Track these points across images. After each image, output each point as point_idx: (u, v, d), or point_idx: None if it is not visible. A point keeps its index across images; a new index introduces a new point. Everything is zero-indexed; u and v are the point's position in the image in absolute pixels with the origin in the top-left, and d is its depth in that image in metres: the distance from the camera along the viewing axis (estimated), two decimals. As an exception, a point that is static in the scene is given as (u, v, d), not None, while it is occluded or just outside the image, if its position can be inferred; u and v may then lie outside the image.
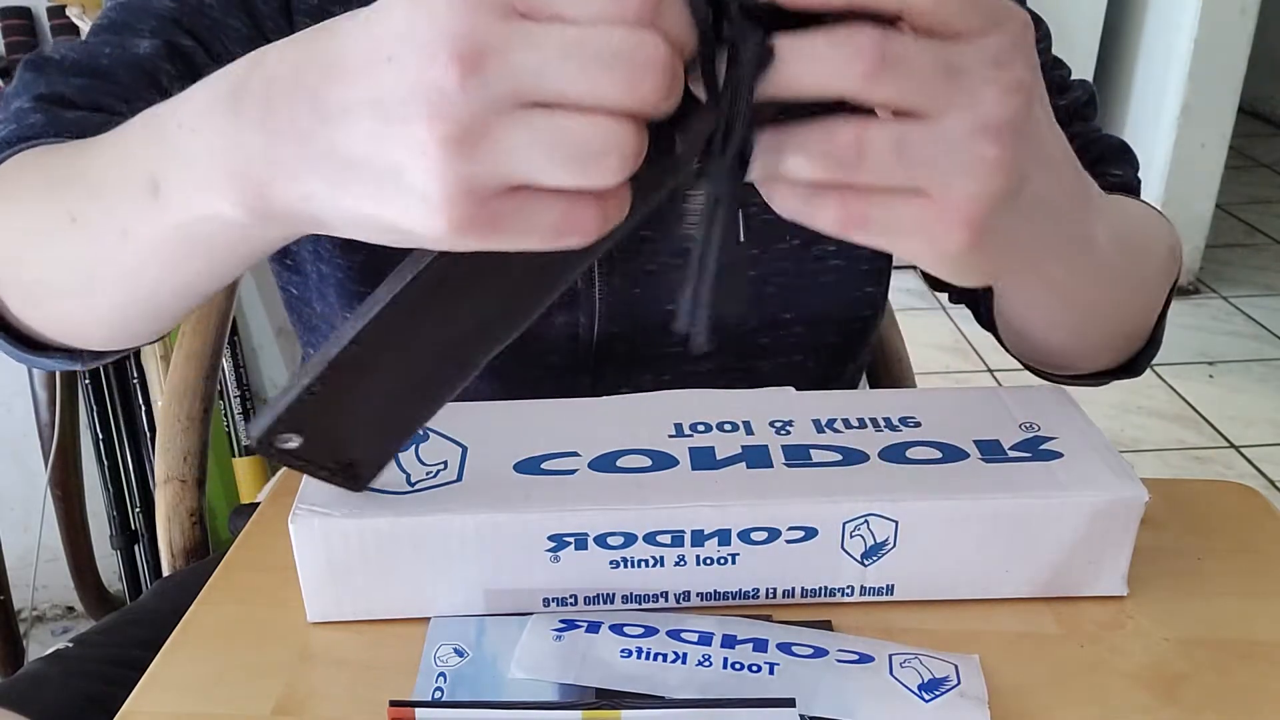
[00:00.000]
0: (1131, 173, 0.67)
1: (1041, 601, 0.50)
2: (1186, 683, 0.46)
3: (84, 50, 0.58)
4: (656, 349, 0.68)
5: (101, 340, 0.53)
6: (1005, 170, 0.36)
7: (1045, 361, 0.64)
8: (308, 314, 0.73)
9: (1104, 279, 0.51)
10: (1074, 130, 0.67)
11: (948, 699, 0.44)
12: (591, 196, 0.33)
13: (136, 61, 0.58)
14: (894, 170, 0.35)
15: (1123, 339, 0.61)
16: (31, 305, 0.51)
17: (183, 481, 0.82)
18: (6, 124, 0.54)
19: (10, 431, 1.57)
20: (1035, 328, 0.59)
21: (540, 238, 0.33)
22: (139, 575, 1.60)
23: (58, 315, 0.51)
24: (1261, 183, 3.46)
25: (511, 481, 0.49)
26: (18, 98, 0.56)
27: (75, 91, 0.56)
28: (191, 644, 0.49)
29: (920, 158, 0.35)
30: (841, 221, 0.36)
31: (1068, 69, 0.70)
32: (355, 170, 0.33)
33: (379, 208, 0.33)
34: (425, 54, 0.31)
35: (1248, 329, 2.52)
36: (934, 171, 0.35)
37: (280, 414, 0.41)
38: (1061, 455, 0.50)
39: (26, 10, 1.39)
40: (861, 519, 0.48)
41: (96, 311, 0.49)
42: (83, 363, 0.55)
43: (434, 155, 0.31)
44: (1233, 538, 0.55)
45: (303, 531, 0.47)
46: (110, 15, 0.61)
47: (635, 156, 0.32)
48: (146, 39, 0.59)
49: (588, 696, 0.44)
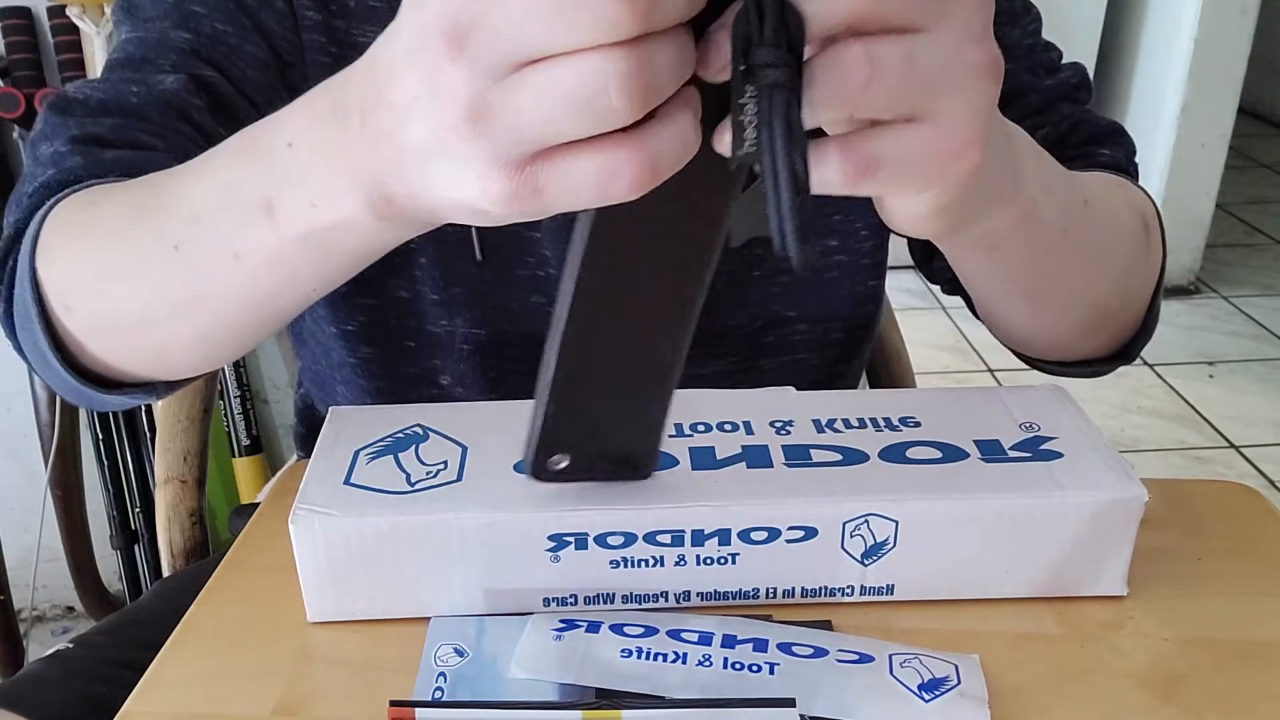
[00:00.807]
0: (1123, 153, 0.66)
1: (1041, 601, 0.50)
2: (1186, 683, 0.46)
3: (109, 89, 0.58)
4: None
5: (184, 368, 0.53)
6: (997, 75, 0.36)
7: (1028, 345, 0.64)
8: (299, 327, 0.74)
9: (1049, 239, 0.51)
10: (1063, 111, 0.67)
11: (948, 699, 0.44)
12: (625, 137, 0.32)
13: (165, 99, 0.57)
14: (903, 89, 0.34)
15: (1099, 318, 0.61)
16: (114, 339, 0.51)
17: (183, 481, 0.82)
18: (44, 168, 0.54)
19: (10, 431, 1.57)
20: (991, 297, 0.59)
21: (587, 193, 0.33)
22: (139, 575, 1.60)
23: (142, 346, 0.51)
24: (1261, 183, 3.46)
25: (511, 481, 0.49)
26: (49, 141, 0.56)
27: (109, 131, 0.56)
28: (191, 644, 0.49)
29: (924, 73, 0.34)
30: (851, 171, 0.35)
31: (1058, 51, 0.70)
32: (428, 162, 0.34)
33: (456, 192, 0.34)
34: (421, 41, 0.32)
35: (1248, 329, 2.52)
36: (935, 89, 0.35)
37: (537, 444, 0.45)
38: (1061, 455, 0.50)
39: (26, 10, 1.39)
40: (861, 519, 0.48)
41: (184, 338, 0.50)
42: (158, 395, 0.55)
43: (455, 136, 0.33)
44: (1233, 538, 0.55)
45: (303, 531, 0.47)
46: (127, 50, 0.60)
47: (641, 81, 0.31)
48: (170, 74, 0.58)
49: (588, 696, 0.44)
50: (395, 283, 0.66)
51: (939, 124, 0.35)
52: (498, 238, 0.64)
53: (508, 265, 0.65)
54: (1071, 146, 0.66)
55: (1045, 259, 0.53)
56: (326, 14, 0.62)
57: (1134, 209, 0.61)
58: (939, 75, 0.35)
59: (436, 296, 0.66)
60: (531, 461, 0.46)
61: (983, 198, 0.43)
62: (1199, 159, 2.53)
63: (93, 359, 0.52)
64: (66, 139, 0.55)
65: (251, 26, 0.61)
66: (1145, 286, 0.62)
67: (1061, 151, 0.53)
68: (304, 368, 0.78)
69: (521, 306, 0.66)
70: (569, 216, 0.36)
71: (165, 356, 0.52)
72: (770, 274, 0.68)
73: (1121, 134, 0.68)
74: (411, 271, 0.65)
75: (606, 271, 0.38)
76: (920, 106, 0.35)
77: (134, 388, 0.54)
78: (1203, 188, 2.56)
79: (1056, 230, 0.51)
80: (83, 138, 0.55)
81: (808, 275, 0.69)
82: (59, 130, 0.56)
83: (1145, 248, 0.61)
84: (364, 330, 0.67)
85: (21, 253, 0.52)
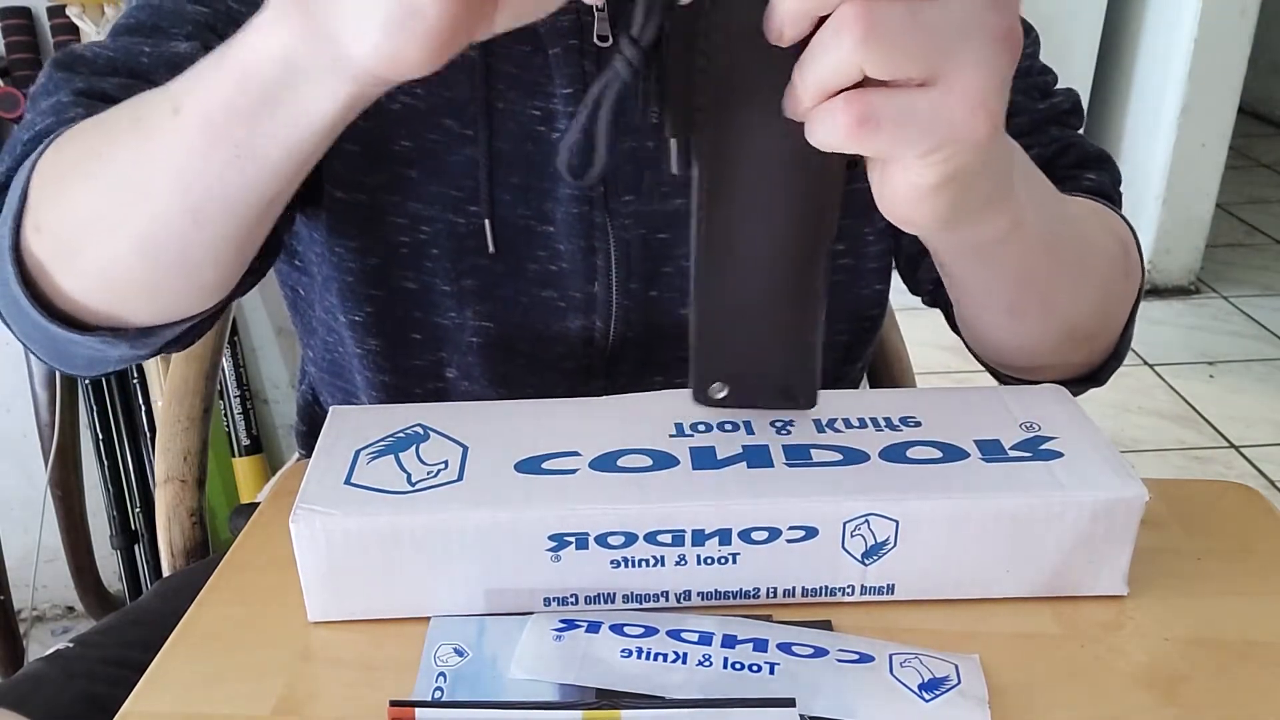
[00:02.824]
0: (1108, 180, 0.67)
1: (1041, 601, 0.50)
2: (1186, 683, 0.46)
3: (119, 49, 0.58)
4: (670, 352, 0.68)
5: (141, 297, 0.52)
6: (1014, 44, 0.35)
7: (999, 357, 0.64)
8: (309, 316, 0.74)
9: (1035, 252, 0.52)
10: (1053, 134, 0.67)
11: (948, 698, 0.44)
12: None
13: (177, 62, 0.57)
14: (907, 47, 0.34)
15: (1075, 337, 0.61)
16: (69, 256, 0.51)
17: (183, 481, 0.82)
18: (44, 117, 0.54)
19: (10, 431, 1.57)
20: (973, 308, 0.60)
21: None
22: (139, 575, 1.60)
23: (96, 263, 0.50)
24: (1261, 183, 3.46)
25: (512, 481, 0.49)
26: (50, 94, 0.55)
27: (115, 90, 0.55)
28: (191, 644, 0.49)
29: (932, 33, 0.34)
30: (851, 123, 0.35)
31: (1054, 75, 0.71)
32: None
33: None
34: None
35: (1248, 329, 2.52)
36: (945, 49, 0.35)
37: (696, 374, 0.49)
38: (1062, 455, 0.50)
39: (26, 10, 1.39)
40: (862, 519, 0.48)
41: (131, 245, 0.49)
42: (127, 340, 0.54)
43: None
44: (1233, 538, 0.55)
45: (303, 531, 0.47)
46: (137, 16, 0.60)
47: None
48: (184, 41, 0.58)
49: (588, 696, 0.44)
50: (403, 274, 0.65)
51: (950, 84, 0.35)
52: (511, 231, 0.64)
53: (520, 258, 0.65)
54: (1059, 169, 0.67)
55: (1030, 271, 0.54)
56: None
57: (1115, 234, 0.62)
58: (950, 36, 0.34)
59: (448, 288, 0.65)
60: (694, 390, 0.50)
61: (982, 190, 0.43)
62: (1199, 159, 2.53)
63: (56, 290, 0.52)
64: (70, 91, 0.55)
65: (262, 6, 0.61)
66: (1122, 310, 0.63)
67: (1049, 173, 0.54)
68: (311, 359, 0.78)
69: (532, 300, 0.66)
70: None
71: (118, 280, 0.51)
72: None
73: (1108, 161, 0.69)
74: (421, 263, 0.65)
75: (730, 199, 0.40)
76: (931, 68, 0.35)
77: (105, 331, 0.53)
78: (1203, 188, 2.56)
79: (1043, 244, 0.52)
80: (87, 91, 0.55)
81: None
82: (62, 84, 0.56)
83: (1124, 272, 0.62)
84: (370, 321, 0.67)
85: (9, 197, 0.52)
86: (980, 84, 0.35)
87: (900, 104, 0.36)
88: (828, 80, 0.36)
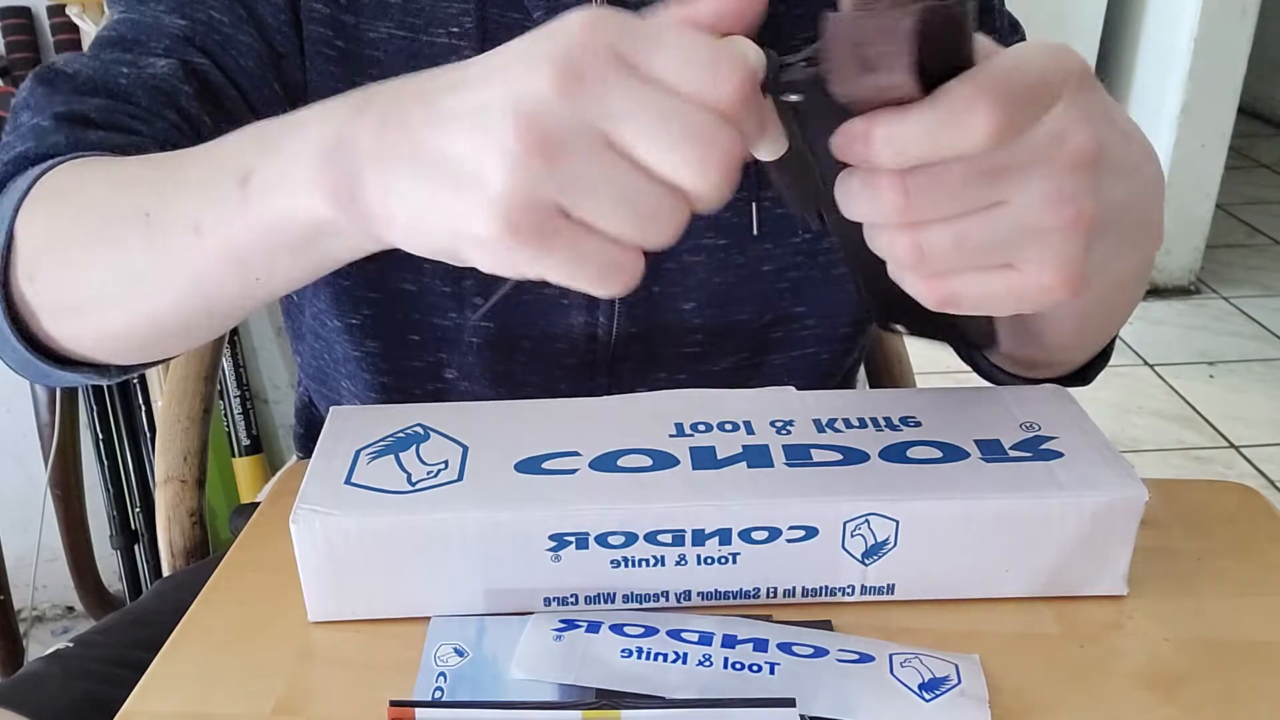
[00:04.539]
0: None
1: (1041, 601, 0.50)
2: (1186, 683, 0.46)
3: (98, 68, 0.57)
4: (672, 348, 0.68)
5: (132, 354, 0.53)
6: (1084, 225, 0.36)
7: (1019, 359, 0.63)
8: (299, 322, 0.74)
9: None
10: None
11: (948, 698, 0.44)
12: (639, 251, 0.35)
13: (155, 83, 0.57)
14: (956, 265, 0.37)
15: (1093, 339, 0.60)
16: (69, 316, 0.51)
17: (183, 481, 0.82)
18: (24, 140, 0.54)
19: (10, 431, 1.57)
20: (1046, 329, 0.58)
21: (585, 273, 0.36)
22: (139, 575, 1.60)
23: (96, 326, 0.51)
24: (1261, 183, 3.46)
25: (512, 481, 0.49)
26: (32, 113, 0.55)
27: (95, 111, 0.55)
28: (191, 644, 0.49)
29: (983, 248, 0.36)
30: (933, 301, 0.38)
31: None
32: (440, 165, 0.35)
33: (448, 203, 0.35)
34: (534, 65, 0.33)
35: (1248, 329, 2.52)
36: (1005, 254, 0.37)
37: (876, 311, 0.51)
38: (1062, 455, 0.50)
39: (26, 10, 1.39)
40: (862, 518, 0.48)
41: (135, 321, 0.49)
42: (109, 377, 0.55)
43: (513, 154, 0.33)
44: (1233, 538, 0.55)
45: (303, 531, 0.47)
46: (119, 30, 0.60)
47: (681, 228, 0.35)
48: (162, 58, 0.58)
49: (588, 696, 0.44)
50: (400, 275, 0.65)
51: (1024, 271, 0.37)
52: None
53: None
54: None
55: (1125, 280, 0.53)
56: (335, 7, 0.61)
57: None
58: (1007, 242, 0.36)
59: (447, 289, 0.65)
60: (880, 326, 0.53)
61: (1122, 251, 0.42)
62: (1199, 159, 2.53)
63: (47, 335, 0.52)
64: (50, 114, 0.55)
65: (247, 17, 0.61)
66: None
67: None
68: (303, 364, 0.78)
69: (534, 298, 0.66)
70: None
71: (116, 341, 0.52)
72: (779, 270, 0.68)
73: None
74: (419, 264, 0.65)
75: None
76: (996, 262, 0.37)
77: (87, 367, 0.53)
78: (1203, 188, 2.56)
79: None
80: (67, 115, 0.55)
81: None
82: (43, 103, 0.56)
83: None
84: (368, 324, 0.67)
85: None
86: (1052, 273, 0.37)
87: (976, 287, 0.38)
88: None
